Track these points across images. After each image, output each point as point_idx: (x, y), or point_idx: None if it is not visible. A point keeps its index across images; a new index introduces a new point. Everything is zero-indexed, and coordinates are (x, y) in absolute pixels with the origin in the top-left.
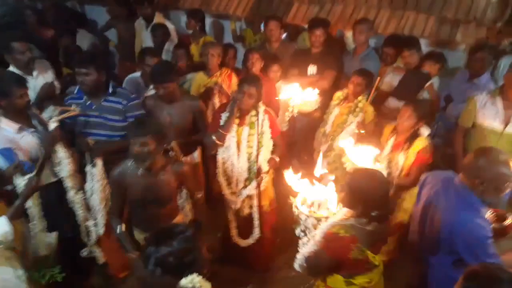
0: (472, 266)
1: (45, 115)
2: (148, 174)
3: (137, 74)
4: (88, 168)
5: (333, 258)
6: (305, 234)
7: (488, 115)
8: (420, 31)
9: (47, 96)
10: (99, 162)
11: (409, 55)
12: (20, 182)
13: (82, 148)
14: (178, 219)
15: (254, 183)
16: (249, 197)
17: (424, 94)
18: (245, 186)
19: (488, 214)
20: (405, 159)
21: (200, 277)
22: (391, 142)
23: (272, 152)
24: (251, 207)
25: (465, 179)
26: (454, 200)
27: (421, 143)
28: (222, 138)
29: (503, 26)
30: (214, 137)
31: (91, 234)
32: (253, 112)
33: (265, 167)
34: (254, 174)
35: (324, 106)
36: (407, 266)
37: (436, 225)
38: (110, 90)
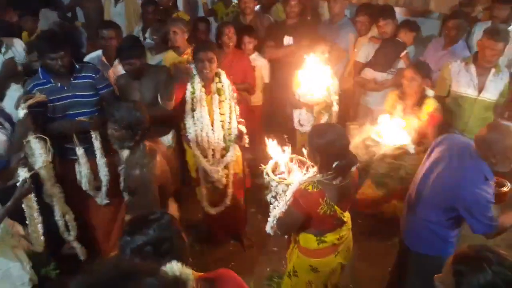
0: (460, 249)
1: (9, 93)
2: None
3: (96, 53)
4: (78, 150)
5: (303, 213)
6: (276, 200)
7: (462, 83)
8: (394, 0)
9: (10, 73)
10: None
11: (384, 25)
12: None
13: (69, 130)
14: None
15: (232, 150)
16: (226, 166)
17: (400, 64)
18: (222, 156)
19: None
20: (418, 121)
21: (180, 264)
22: (399, 107)
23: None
24: (227, 175)
25: (478, 150)
26: (467, 163)
27: (432, 103)
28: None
29: None
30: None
31: (71, 228)
32: (217, 79)
33: (241, 129)
34: (231, 141)
35: None
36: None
37: (442, 181)
38: (77, 66)
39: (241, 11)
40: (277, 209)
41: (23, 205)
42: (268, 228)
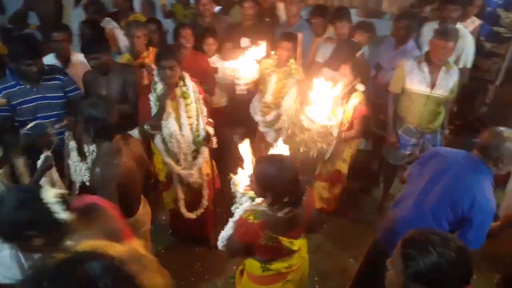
0: (408, 233)
1: None
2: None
3: (49, 56)
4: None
5: (242, 243)
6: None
7: (416, 80)
8: (348, 2)
9: None
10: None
11: (340, 26)
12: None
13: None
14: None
15: (204, 151)
16: (199, 167)
17: (359, 64)
18: (194, 158)
19: None
20: (344, 113)
21: None
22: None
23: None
24: (201, 177)
25: (480, 156)
26: (475, 172)
27: (357, 96)
28: (156, 128)
29: None
30: (147, 127)
31: None
32: (181, 83)
33: (210, 130)
34: (200, 143)
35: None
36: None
37: (451, 192)
38: (46, 69)
39: (199, 13)
40: (225, 231)
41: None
42: (219, 245)
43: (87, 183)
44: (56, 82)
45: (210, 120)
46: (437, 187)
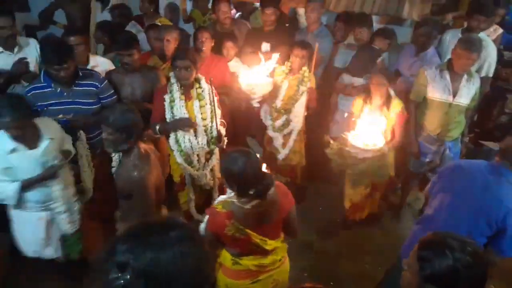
0: (427, 235)
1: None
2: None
3: None
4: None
5: (211, 232)
6: None
7: (438, 88)
8: (369, 8)
9: (19, 72)
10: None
11: (360, 32)
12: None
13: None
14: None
15: (217, 153)
16: (212, 169)
17: (375, 69)
18: (207, 160)
19: None
20: (387, 120)
21: None
22: (367, 110)
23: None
24: (213, 179)
25: (503, 161)
26: (503, 179)
27: (398, 103)
28: (164, 132)
29: (447, 1)
30: (158, 128)
31: None
32: (196, 85)
33: (222, 132)
34: (213, 144)
35: None
36: None
37: (483, 204)
38: (80, 73)
39: (218, 20)
40: (204, 222)
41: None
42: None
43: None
44: (91, 88)
45: (223, 121)
46: (467, 203)
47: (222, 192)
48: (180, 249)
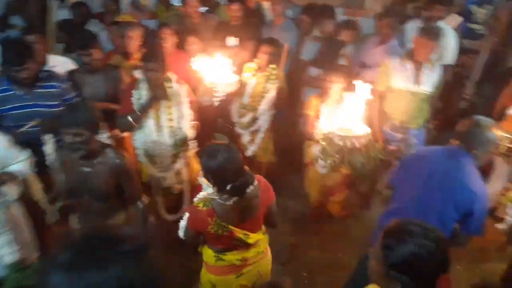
0: (388, 225)
1: None
2: (82, 162)
3: None
4: None
5: (193, 230)
6: None
7: (401, 77)
8: (333, 1)
9: None
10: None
11: (325, 24)
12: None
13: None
14: (118, 219)
15: (183, 155)
16: (178, 172)
17: (341, 61)
18: (173, 162)
19: None
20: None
21: None
22: (325, 109)
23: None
24: (181, 182)
25: (461, 144)
26: (463, 162)
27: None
28: (138, 120)
29: None
30: (130, 118)
31: None
32: (166, 85)
33: (190, 135)
34: (180, 146)
35: None
36: None
37: (448, 194)
38: (42, 74)
39: (186, 14)
40: (183, 220)
41: None
42: (180, 234)
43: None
44: (52, 90)
45: (195, 122)
46: (434, 191)
47: (193, 195)
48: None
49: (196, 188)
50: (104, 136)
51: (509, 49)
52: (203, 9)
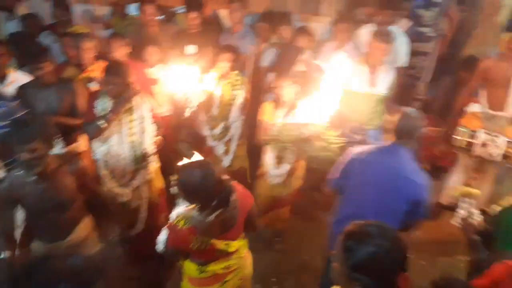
0: (348, 226)
1: None
2: (42, 179)
3: None
4: None
5: (174, 248)
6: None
7: (358, 80)
8: (289, 7)
9: None
10: None
11: (284, 31)
12: None
13: None
14: (84, 225)
15: (143, 172)
16: (137, 188)
17: (300, 67)
18: (132, 177)
19: None
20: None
21: None
22: (281, 113)
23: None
24: (140, 198)
25: (396, 140)
26: (400, 160)
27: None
28: (110, 122)
29: None
30: (99, 123)
31: None
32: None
33: (150, 151)
34: (140, 162)
35: None
36: None
37: (396, 185)
38: None
39: (144, 23)
40: (161, 234)
41: None
42: (158, 248)
43: None
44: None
45: (159, 138)
46: (384, 192)
47: (152, 212)
48: None
49: (156, 206)
50: (59, 150)
51: (457, 50)
52: (159, 17)
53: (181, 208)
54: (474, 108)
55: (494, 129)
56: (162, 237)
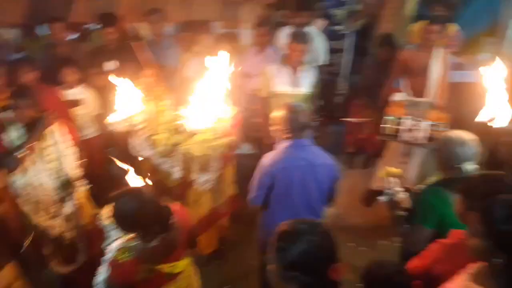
0: (281, 225)
1: None
2: None
3: None
4: None
5: (120, 284)
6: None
7: (281, 82)
8: (209, 15)
9: None
10: None
11: (204, 39)
12: None
13: None
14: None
15: (71, 199)
16: (68, 218)
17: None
18: (60, 207)
19: None
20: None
21: None
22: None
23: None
24: (72, 229)
25: (294, 137)
26: (313, 151)
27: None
28: (29, 150)
29: (276, 1)
30: (17, 153)
31: None
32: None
33: (74, 176)
34: (66, 189)
35: None
36: None
37: (318, 172)
38: None
39: (54, 43)
40: (99, 274)
41: None
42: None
43: None
44: None
45: (83, 160)
46: (307, 185)
47: (94, 241)
48: None
49: (92, 233)
50: None
51: (369, 44)
52: (73, 36)
53: (118, 241)
54: (398, 97)
55: (418, 114)
56: (101, 276)
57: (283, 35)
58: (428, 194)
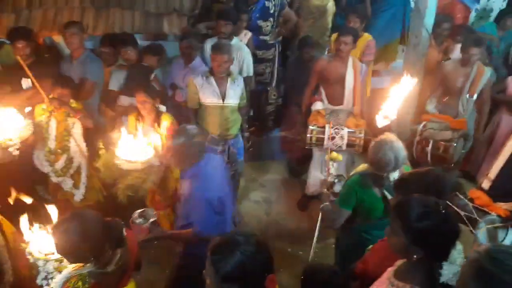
0: (212, 241)
1: None
2: None
3: None
4: None
5: None
6: (48, 282)
7: (208, 93)
8: (129, 27)
9: None
10: None
11: (126, 52)
12: None
13: None
14: None
15: None
16: None
17: (152, 87)
18: None
19: None
20: (161, 137)
21: None
22: (140, 127)
23: None
24: None
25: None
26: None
27: (167, 118)
28: None
29: (200, 12)
30: None
31: None
32: None
33: None
34: None
35: None
36: None
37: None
38: None
39: None
40: None
41: None
42: None
43: None
44: None
45: None
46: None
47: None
48: None
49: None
50: None
51: (293, 53)
52: None
53: (65, 271)
54: (317, 106)
55: (337, 122)
56: None
57: (209, 46)
58: (352, 180)
